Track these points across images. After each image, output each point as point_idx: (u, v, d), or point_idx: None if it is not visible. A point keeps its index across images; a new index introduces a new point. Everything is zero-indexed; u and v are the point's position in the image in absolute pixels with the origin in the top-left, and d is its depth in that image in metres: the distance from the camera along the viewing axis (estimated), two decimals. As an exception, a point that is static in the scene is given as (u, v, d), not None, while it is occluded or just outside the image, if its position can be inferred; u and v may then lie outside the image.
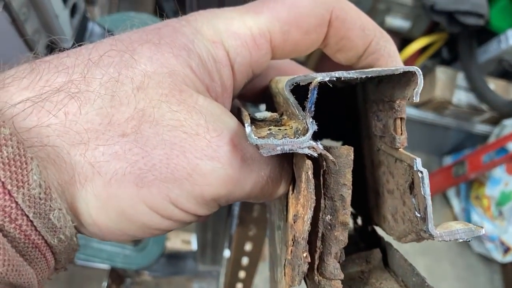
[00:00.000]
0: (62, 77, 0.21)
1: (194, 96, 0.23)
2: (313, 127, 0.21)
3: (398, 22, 1.74)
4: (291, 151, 0.21)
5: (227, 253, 1.04)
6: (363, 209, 0.34)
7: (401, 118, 0.26)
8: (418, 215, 0.24)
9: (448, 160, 2.21)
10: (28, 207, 0.19)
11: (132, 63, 0.22)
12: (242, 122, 0.24)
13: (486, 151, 1.80)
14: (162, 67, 0.22)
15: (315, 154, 0.22)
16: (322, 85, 0.22)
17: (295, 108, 0.22)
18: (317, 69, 1.99)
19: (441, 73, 1.83)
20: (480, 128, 1.96)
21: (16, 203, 0.19)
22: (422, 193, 0.23)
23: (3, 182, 0.18)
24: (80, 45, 0.24)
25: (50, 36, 0.56)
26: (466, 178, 1.89)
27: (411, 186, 0.25)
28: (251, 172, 0.23)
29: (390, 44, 0.28)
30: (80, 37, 0.61)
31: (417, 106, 1.95)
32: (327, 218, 0.25)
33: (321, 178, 0.24)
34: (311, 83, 0.21)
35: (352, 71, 0.22)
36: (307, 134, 0.21)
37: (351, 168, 0.25)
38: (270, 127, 0.23)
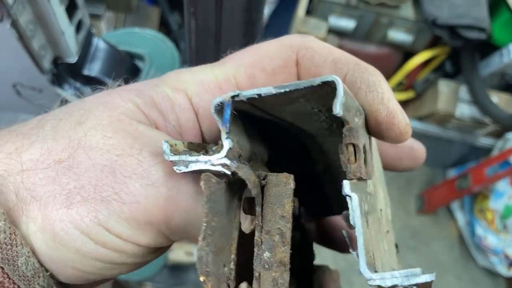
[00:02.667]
0: (20, 124, 0.24)
1: (134, 124, 0.23)
2: (229, 144, 0.21)
3: (400, 36, 1.76)
4: (205, 169, 0.21)
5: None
6: None
7: (352, 144, 0.22)
8: (353, 252, 0.21)
9: (452, 173, 2.21)
10: None
11: (79, 105, 0.24)
12: None
13: (489, 164, 1.80)
14: (104, 103, 0.24)
15: (229, 172, 0.21)
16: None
17: (220, 126, 0.22)
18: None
19: (444, 86, 1.84)
20: (484, 141, 1.96)
21: None
22: (351, 222, 0.20)
23: None
24: None
25: (56, 51, 0.58)
26: (469, 191, 1.89)
27: (346, 218, 0.21)
28: (191, 195, 0.23)
29: (369, 74, 0.26)
30: (85, 52, 0.63)
31: (420, 119, 1.96)
32: (264, 255, 0.22)
33: (258, 208, 0.23)
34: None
35: (270, 87, 0.21)
36: (222, 151, 0.21)
37: (291, 199, 0.23)
38: (199, 151, 0.23)
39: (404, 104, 2.09)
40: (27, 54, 0.53)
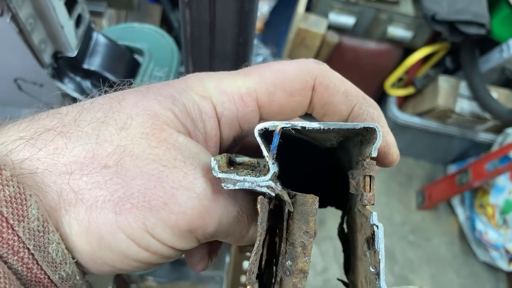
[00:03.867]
0: (55, 121, 0.24)
1: (174, 134, 0.25)
2: (273, 168, 0.23)
3: (400, 32, 1.76)
4: (250, 188, 0.23)
5: (227, 258, 1.05)
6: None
7: (370, 176, 0.26)
8: (373, 270, 0.25)
9: (452, 169, 2.21)
10: (28, 239, 0.21)
11: (118, 108, 0.25)
12: None
13: (489, 159, 1.80)
14: (145, 110, 0.25)
15: (273, 194, 0.24)
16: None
17: (263, 150, 0.24)
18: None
19: (444, 82, 1.84)
20: (484, 136, 1.96)
21: (18, 236, 0.20)
22: (376, 247, 0.23)
23: (6, 218, 0.20)
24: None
25: (56, 45, 0.59)
26: (470, 186, 1.89)
27: (369, 241, 0.25)
28: (225, 207, 0.25)
29: (373, 109, 0.29)
30: (85, 46, 0.64)
31: (420, 114, 1.97)
32: (287, 263, 0.25)
33: (285, 223, 0.26)
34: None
35: (315, 122, 0.24)
36: (268, 174, 0.23)
37: (315, 217, 0.26)
38: (243, 170, 0.25)
39: (404, 100, 2.09)
40: (27, 48, 0.54)
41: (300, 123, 0.24)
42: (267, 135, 0.24)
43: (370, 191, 0.26)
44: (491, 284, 2.02)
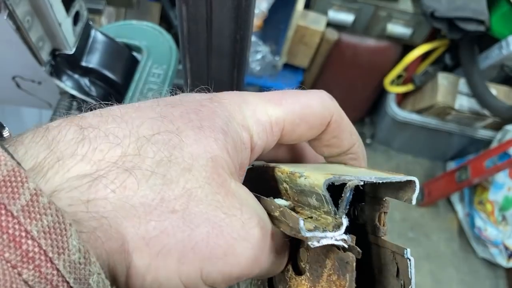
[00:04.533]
0: (117, 150, 0.23)
1: (228, 180, 0.25)
2: (346, 222, 0.24)
3: (399, 29, 1.76)
4: (327, 243, 0.24)
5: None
6: None
7: (385, 212, 0.29)
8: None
9: (451, 166, 2.22)
10: (69, 273, 0.19)
11: (181, 145, 0.24)
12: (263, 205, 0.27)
13: (488, 156, 1.80)
14: (206, 151, 0.24)
15: (346, 245, 0.25)
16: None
17: (329, 204, 0.26)
18: (319, 78, 2.02)
19: (443, 79, 1.84)
20: (483, 133, 1.96)
21: (58, 269, 0.19)
22: (409, 276, 0.26)
23: (44, 251, 0.19)
24: (110, 104, 0.26)
25: (54, 43, 0.59)
26: (469, 183, 1.90)
27: (397, 272, 0.27)
28: (269, 253, 0.26)
29: (363, 149, 0.35)
30: (83, 43, 0.64)
31: (419, 111, 1.97)
32: None
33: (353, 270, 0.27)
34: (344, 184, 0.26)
35: (374, 177, 0.26)
36: (342, 228, 0.24)
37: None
38: (306, 219, 0.27)
39: (403, 97, 2.09)
40: (25, 46, 0.54)
41: (367, 178, 0.26)
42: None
43: (384, 225, 0.29)
44: (490, 280, 2.02)
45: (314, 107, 0.30)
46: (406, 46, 1.86)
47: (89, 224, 0.21)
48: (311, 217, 0.27)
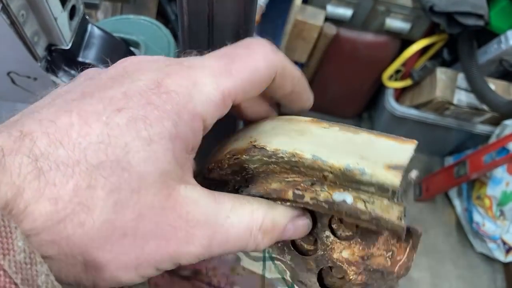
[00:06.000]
0: (70, 184, 0.23)
1: (177, 189, 0.26)
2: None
3: (398, 23, 1.75)
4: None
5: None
6: None
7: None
8: None
9: (449, 161, 2.22)
10: (15, 273, 0.20)
11: (129, 167, 0.24)
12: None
13: (487, 151, 1.80)
14: (155, 168, 0.25)
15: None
16: None
17: (398, 194, 0.27)
18: (317, 72, 2.01)
19: (442, 74, 1.84)
20: (481, 128, 1.96)
21: (4, 270, 0.19)
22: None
23: None
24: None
25: (50, 38, 0.57)
26: (467, 178, 1.89)
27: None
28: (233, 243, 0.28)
29: (304, 82, 0.34)
30: (80, 38, 0.63)
31: (417, 106, 1.96)
32: None
33: None
34: None
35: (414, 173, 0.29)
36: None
37: None
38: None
39: (401, 92, 2.09)
40: (20, 41, 0.53)
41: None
42: None
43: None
44: (488, 275, 2.03)
45: (262, 69, 0.30)
46: (405, 41, 1.85)
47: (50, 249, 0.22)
48: (368, 201, 0.27)
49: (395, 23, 1.75)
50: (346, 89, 2.14)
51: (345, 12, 1.74)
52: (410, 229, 0.30)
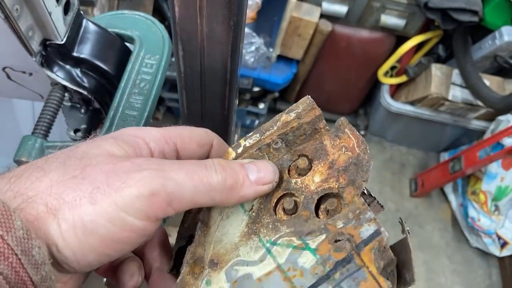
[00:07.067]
0: (29, 165, 0.31)
1: (122, 157, 0.32)
2: None
3: (393, 20, 1.76)
4: None
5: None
6: None
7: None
8: None
9: (445, 156, 2.23)
10: (16, 246, 0.25)
11: (75, 150, 0.32)
12: None
13: (481, 147, 1.81)
14: (96, 146, 0.33)
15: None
16: None
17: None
18: (313, 69, 2.01)
19: (437, 70, 1.85)
20: (476, 124, 1.97)
21: (8, 244, 0.25)
22: None
23: None
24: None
25: (44, 33, 0.58)
26: (462, 174, 1.91)
27: None
28: (174, 176, 0.32)
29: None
30: (75, 33, 0.63)
31: (413, 102, 1.97)
32: None
33: None
34: None
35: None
36: None
37: None
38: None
39: (397, 88, 2.09)
40: (14, 35, 0.53)
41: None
42: None
43: None
44: (483, 269, 2.04)
45: (198, 130, 0.38)
46: (400, 37, 1.86)
47: (20, 206, 0.28)
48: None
49: (390, 19, 1.75)
50: (341, 86, 2.14)
51: (341, 8, 1.74)
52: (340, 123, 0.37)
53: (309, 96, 0.36)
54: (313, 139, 0.37)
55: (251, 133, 0.37)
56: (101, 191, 0.28)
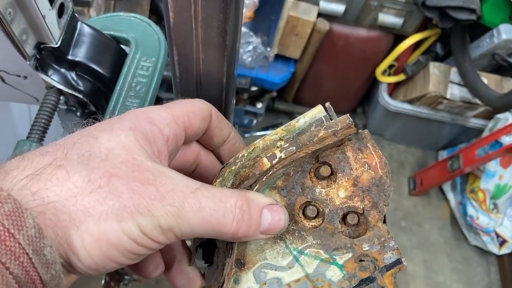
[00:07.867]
0: (48, 157, 0.30)
1: (144, 162, 0.32)
2: None
3: (390, 18, 1.75)
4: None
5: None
6: None
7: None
8: None
9: (443, 155, 2.23)
10: (28, 245, 0.25)
11: (98, 144, 0.31)
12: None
13: (480, 145, 1.81)
14: (118, 144, 0.32)
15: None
16: None
17: None
18: (311, 68, 2.00)
19: (435, 68, 1.84)
20: (475, 122, 1.97)
21: (19, 243, 0.25)
22: None
23: (7, 228, 0.25)
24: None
25: (38, 36, 0.57)
26: (461, 172, 1.91)
27: None
28: (193, 211, 0.32)
29: (239, 135, 0.44)
30: (69, 36, 0.63)
31: (411, 101, 1.97)
32: None
33: None
34: None
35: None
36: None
37: None
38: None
39: (395, 87, 2.09)
40: (8, 39, 0.52)
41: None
42: None
43: None
44: (482, 267, 2.04)
45: (198, 103, 0.39)
46: (398, 36, 1.86)
47: (37, 209, 0.27)
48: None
49: (388, 18, 1.75)
50: (339, 85, 2.14)
51: (338, 7, 1.74)
52: (362, 137, 0.37)
53: (349, 115, 0.37)
54: (335, 147, 0.38)
55: (287, 144, 0.37)
56: (128, 211, 0.29)
